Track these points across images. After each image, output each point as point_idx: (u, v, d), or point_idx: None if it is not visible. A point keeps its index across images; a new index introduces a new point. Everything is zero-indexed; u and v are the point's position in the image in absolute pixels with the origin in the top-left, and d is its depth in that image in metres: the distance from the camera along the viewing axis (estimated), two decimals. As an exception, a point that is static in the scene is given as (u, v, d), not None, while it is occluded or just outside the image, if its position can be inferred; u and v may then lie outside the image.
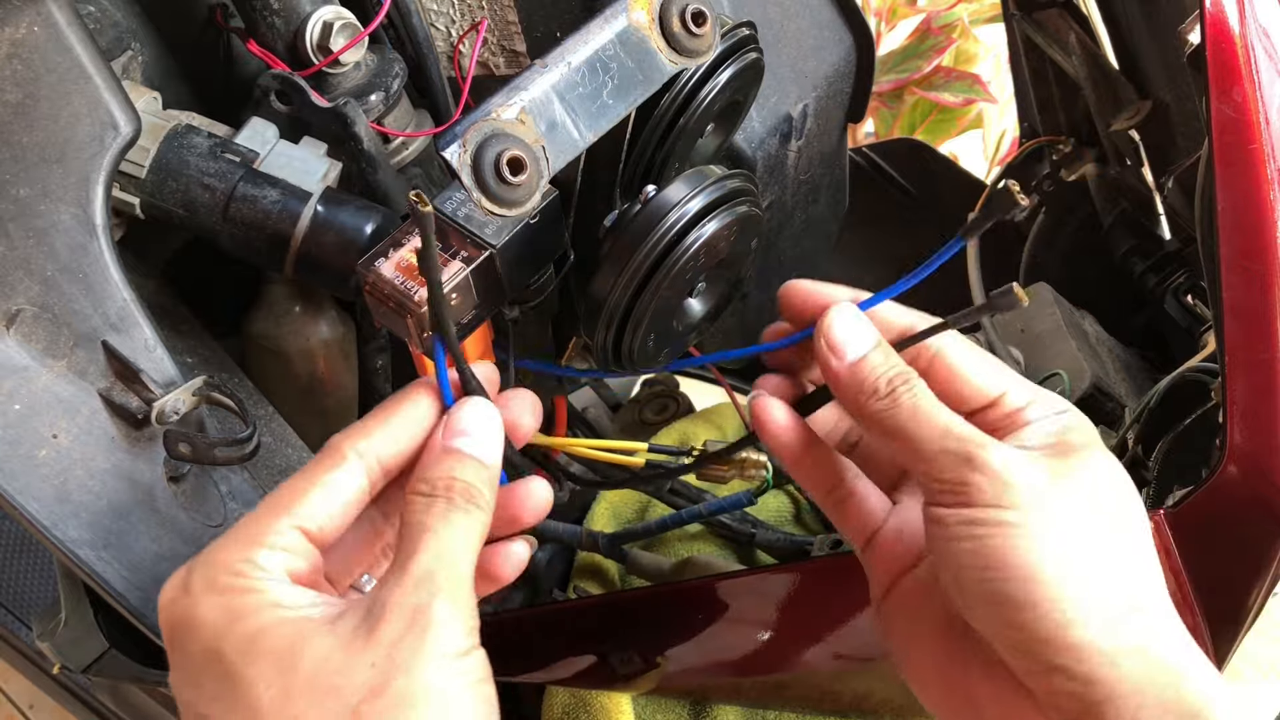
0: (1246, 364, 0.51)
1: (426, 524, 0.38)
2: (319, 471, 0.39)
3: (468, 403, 0.42)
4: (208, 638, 0.35)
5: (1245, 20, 0.54)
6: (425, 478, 0.39)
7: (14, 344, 0.45)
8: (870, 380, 0.43)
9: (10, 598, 1.26)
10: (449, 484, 0.39)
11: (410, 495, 0.39)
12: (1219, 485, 0.53)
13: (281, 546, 0.38)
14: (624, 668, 0.62)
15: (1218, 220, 0.53)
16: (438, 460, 0.40)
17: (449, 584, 0.36)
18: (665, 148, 0.50)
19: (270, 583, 0.37)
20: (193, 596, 0.36)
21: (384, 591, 0.36)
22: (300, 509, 0.38)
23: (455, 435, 0.41)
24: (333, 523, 0.39)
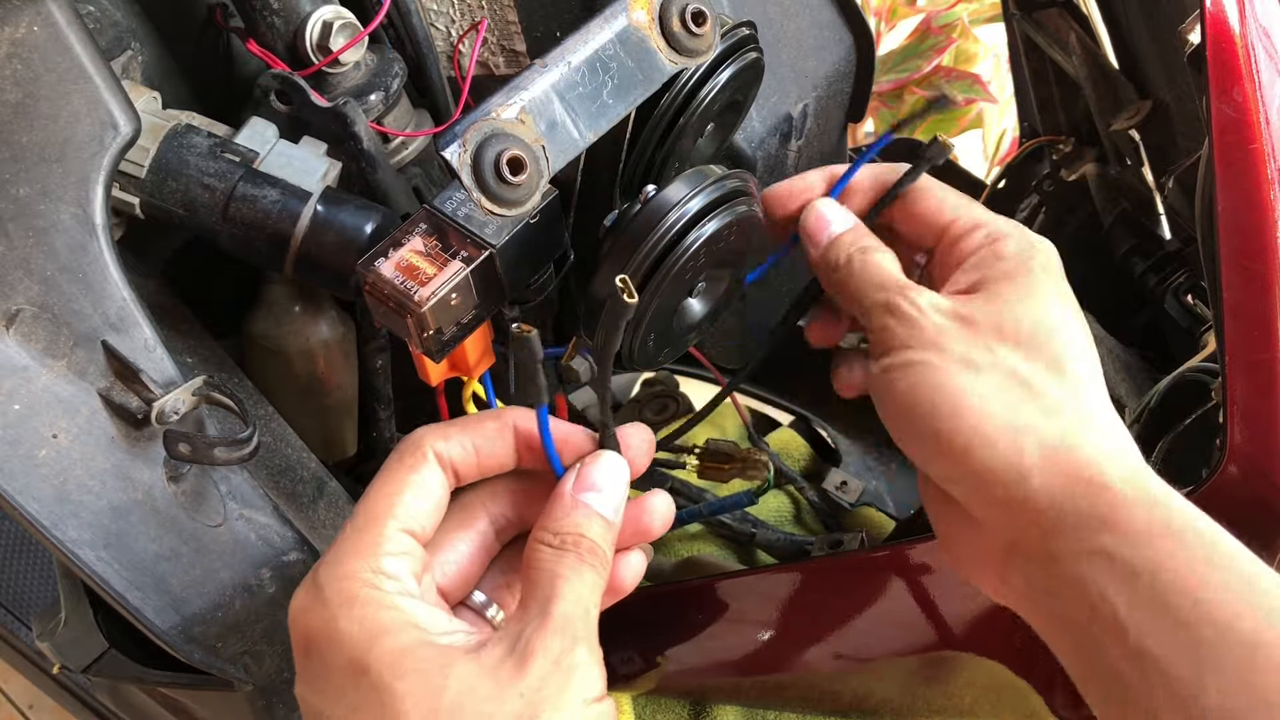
0: (1247, 364, 0.51)
1: (560, 573, 0.39)
2: (405, 472, 0.41)
3: (602, 457, 0.43)
4: (353, 652, 0.36)
5: (1246, 20, 0.54)
6: (555, 529, 0.41)
7: (14, 344, 0.45)
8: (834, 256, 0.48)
9: (10, 598, 1.26)
10: (577, 540, 0.40)
11: (537, 544, 0.40)
12: (1219, 485, 0.53)
13: (400, 552, 0.39)
14: (624, 667, 0.62)
15: (1218, 220, 0.53)
16: (567, 512, 0.41)
17: (586, 632, 0.38)
18: (665, 147, 0.50)
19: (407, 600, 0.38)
20: (330, 609, 0.37)
21: (527, 631, 0.37)
22: (402, 511, 0.40)
23: (585, 489, 0.42)
24: (429, 523, 0.41)
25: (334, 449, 0.66)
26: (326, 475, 0.61)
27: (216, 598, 0.51)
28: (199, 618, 0.50)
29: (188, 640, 0.50)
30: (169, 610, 0.49)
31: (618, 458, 0.44)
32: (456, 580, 0.43)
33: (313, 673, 0.38)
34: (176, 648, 0.49)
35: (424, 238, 0.43)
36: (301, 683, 0.38)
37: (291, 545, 0.54)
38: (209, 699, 0.75)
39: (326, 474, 0.61)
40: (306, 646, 0.38)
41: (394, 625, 0.37)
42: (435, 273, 0.42)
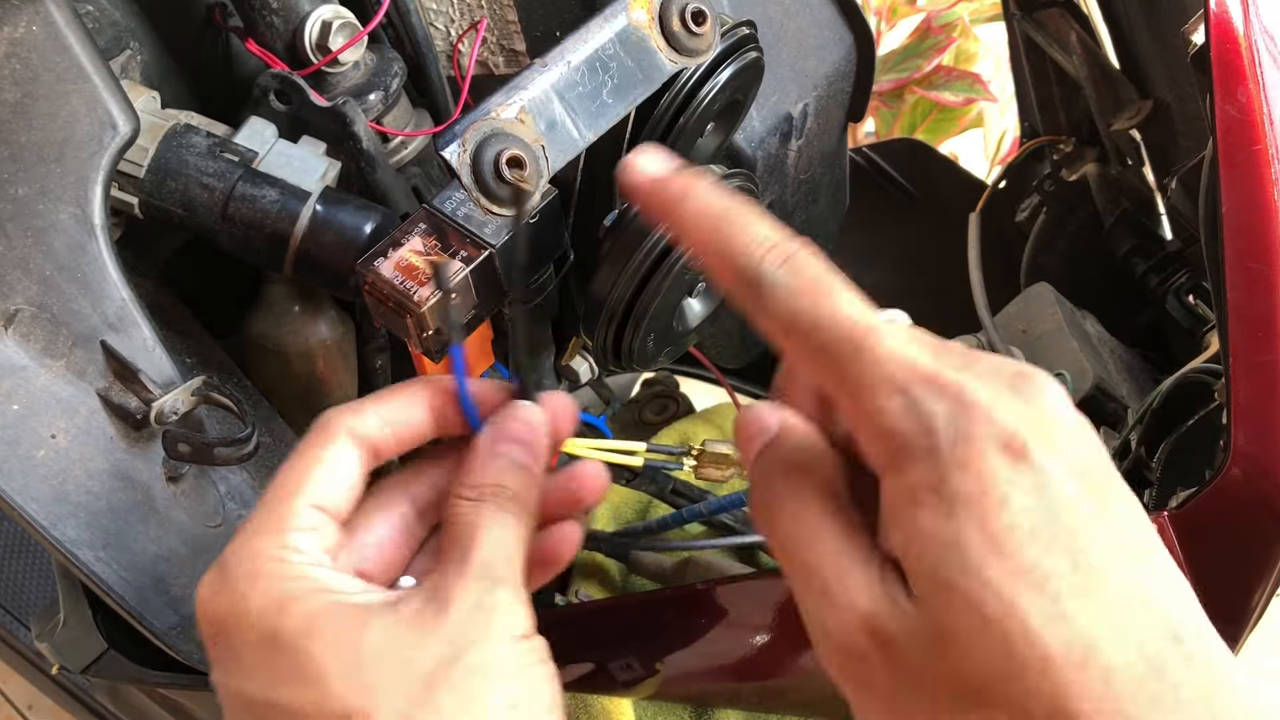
0: (1250, 365, 0.51)
1: (478, 522, 0.38)
2: (316, 449, 0.39)
3: (516, 407, 0.42)
4: (264, 625, 0.35)
5: (1249, 21, 0.54)
6: (471, 483, 0.39)
7: (12, 344, 0.45)
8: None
9: (9, 598, 1.26)
10: (496, 490, 0.39)
11: (455, 499, 0.39)
12: (1222, 487, 0.52)
13: (308, 527, 0.38)
14: (623, 674, 0.62)
15: (1221, 221, 0.52)
16: (485, 465, 0.40)
17: (508, 574, 0.37)
18: (665, 147, 0.49)
19: (314, 568, 0.37)
20: (237, 588, 0.36)
21: (444, 581, 0.36)
22: (310, 487, 0.38)
23: (503, 440, 0.41)
24: (344, 500, 0.39)
25: (333, 449, 0.66)
26: (326, 476, 0.61)
27: (215, 598, 0.50)
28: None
29: (187, 640, 0.50)
30: (168, 610, 0.49)
31: (535, 408, 0.42)
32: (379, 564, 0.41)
33: (226, 655, 0.36)
34: (175, 648, 0.49)
35: (423, 237, 0.43)
36: (215, 669, 0.37)
37: (291, 546, 0.53)
38: (208, 699, 0.75)
39: (326, 474, 0.61)
40: (216, 632, 0.37)
41: (303, 592, 0.36)
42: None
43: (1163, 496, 0.70)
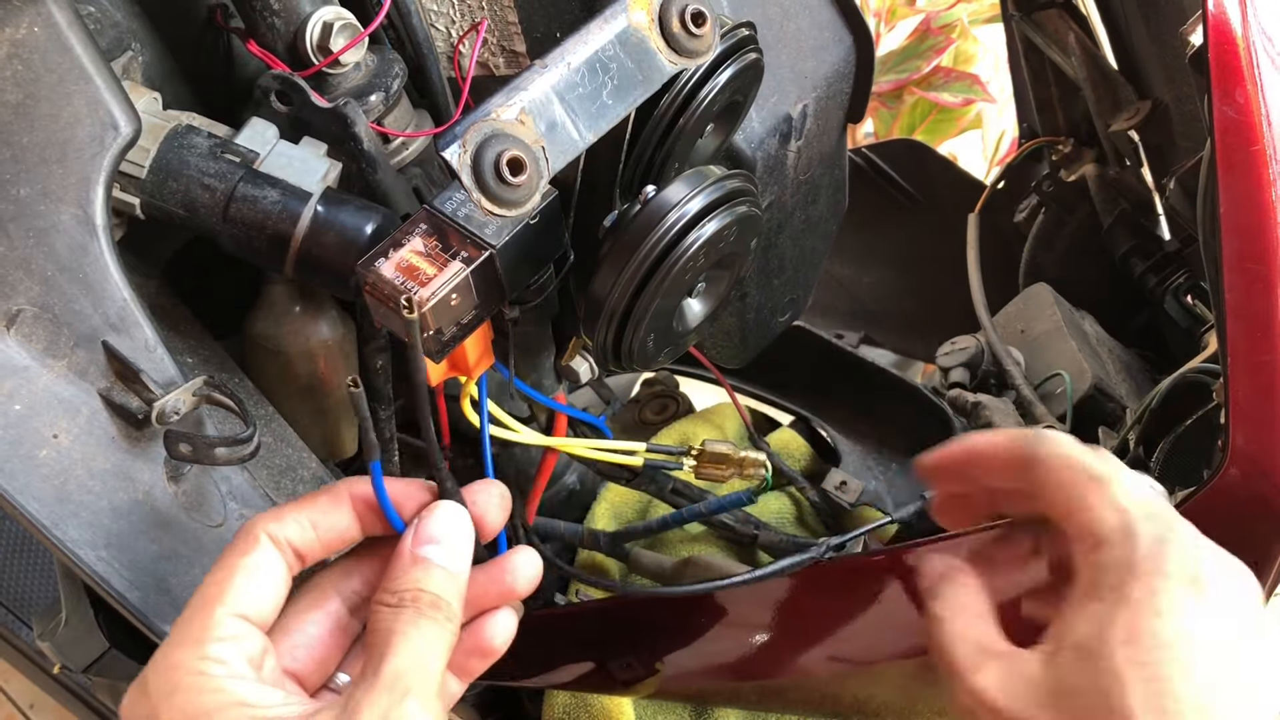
0: (1248, 365, 0.51)
1: (395, 629, 0.38)
2: (235, 557, 0.40)
3: (438, 508, 0.42)
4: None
5: (1247, 22, 0.54)
6: (392, 589, 0.40)
7: (14, 344, 0.45)
8: None
9: (11, 597, 1.26)
10: (416, 595, 0.39)
11: (376, 605, 0.39)
12: (1221, 486, 0.53)
13: (229, 637, 0.38)
14: (623, 674, 0.62)
15: (1220, 221, 0.53)
16: (406, 569, 0.40)
17: (419, 685, 0.37)
18: (665, 148, 0.50)
19: (234, 682, 0.37)
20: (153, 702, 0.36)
21: (358, 693, 0.36)
22: (231, 597, 0.39)
23: (424, 543, 0.41)
24: (266, 606, 0.40)
25: (334, 449, 0.66)
26: (327, 475, 0.61)
27: (217, 598, 0.51)
28: (199, 618, 0.50)
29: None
30: (169, 610, 0.49)
31: (456, 507, 0.43)
32: (310, 663, 0.42)
33: None
34: (177, 648, 0.49)
35: (424, 238, 0.43)
36: None
37: (292, 546, 0.54)
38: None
39: (327, 474, 0.61)
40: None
41: (217, 707, 0.36)
42: (435, 273, 0.42)
43: (1161, 496, 0.70)
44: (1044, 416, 0.84)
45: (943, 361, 0.97)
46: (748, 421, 0.85)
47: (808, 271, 0.81)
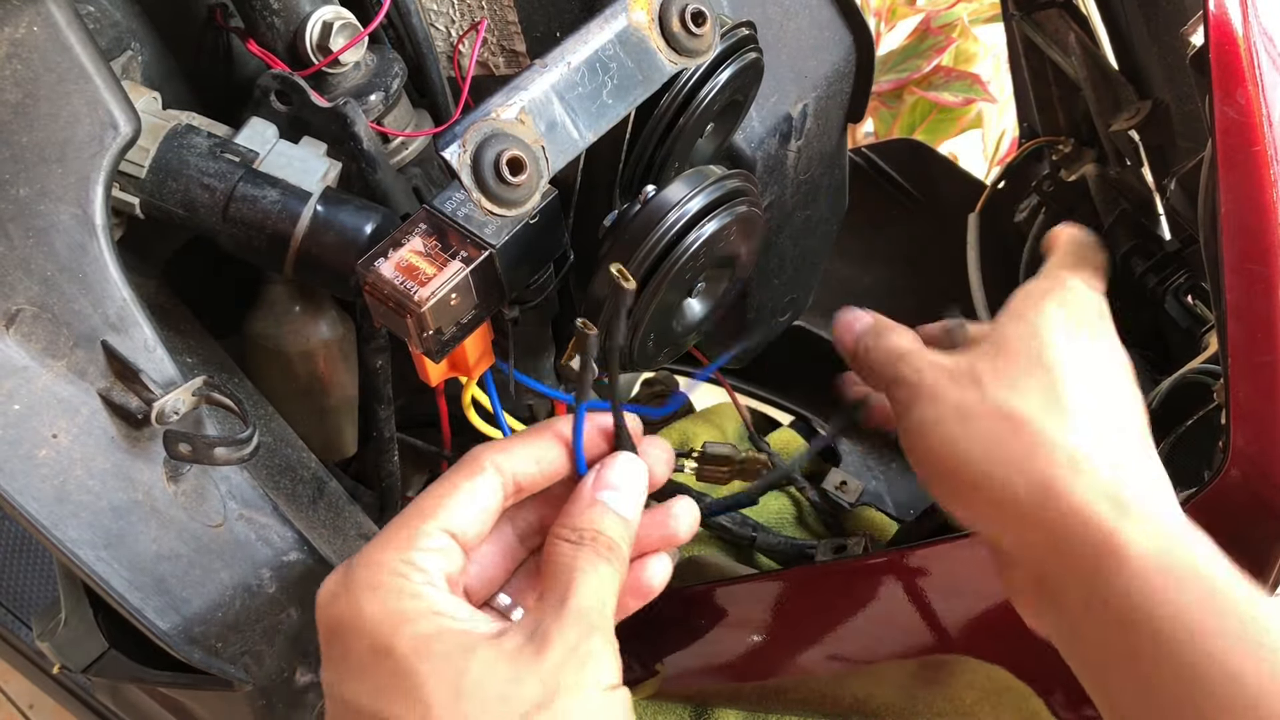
0: (1249, 366, 0.51)
1: (576, 566, 0.40)
2: (460, 478, 0.42)
3: (619, 458, 0.44)
4: (378, 636, 0.37)
5: (1248, 22, 0.54)
6: (573, 525, 0.42)
7: (14, 344, 0.45)
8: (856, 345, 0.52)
9: (10, 597, 1.26)
10: (595, 535, 0.41)
11: (556, 539, 0.42)
12: (1221, 488, 0.53)
13: (435, 549, 0.40)
14: (623, 674, 0.62)
15: (1220, 222, 0.53)
16: (585, 509, 0.42)
17: (603, 623, 0.39)
18: (665, 147, 0.50)
19: (431, 589, 0.39)
20: (356, 597, 0.38)
21: (545, 621, 0.38)
22: (445, 514, 0.41)
23: (603, 488, 0.43)
24: (475, 529, 0.41)
25: (334, 449, 0.66)
26: (327, 475, 0.61)
27: (216, 598, 0.51)
28: (199, 618, 0.50)
29: (188, 640, 0.50)
30: (169, 610, 0.49)
31: (635, 459, 0.44)
32: (479, 580, 0.44)
33: (337, 657, 0.38)
34: (176, 648, 0.49)
35: (424, 238, 0.43)
36: (326, 668, 0.39)
37: (291, 545, 0.53)
38: (209, 699, 0.75)
39: (327, 474, 0.61)
40: (331, 633, 0.39)
41: (417, 612, 0.38)
42: (435, 273, 0.42)
43: (1161, 496, 0.70)
44: (1044, 417, 0.84)
45: (943, 361, 0.96)
46: (748, 421, 0.85)
47: (808, 271, 0.81)
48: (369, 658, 0.37)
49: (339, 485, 0.62)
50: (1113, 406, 0.45)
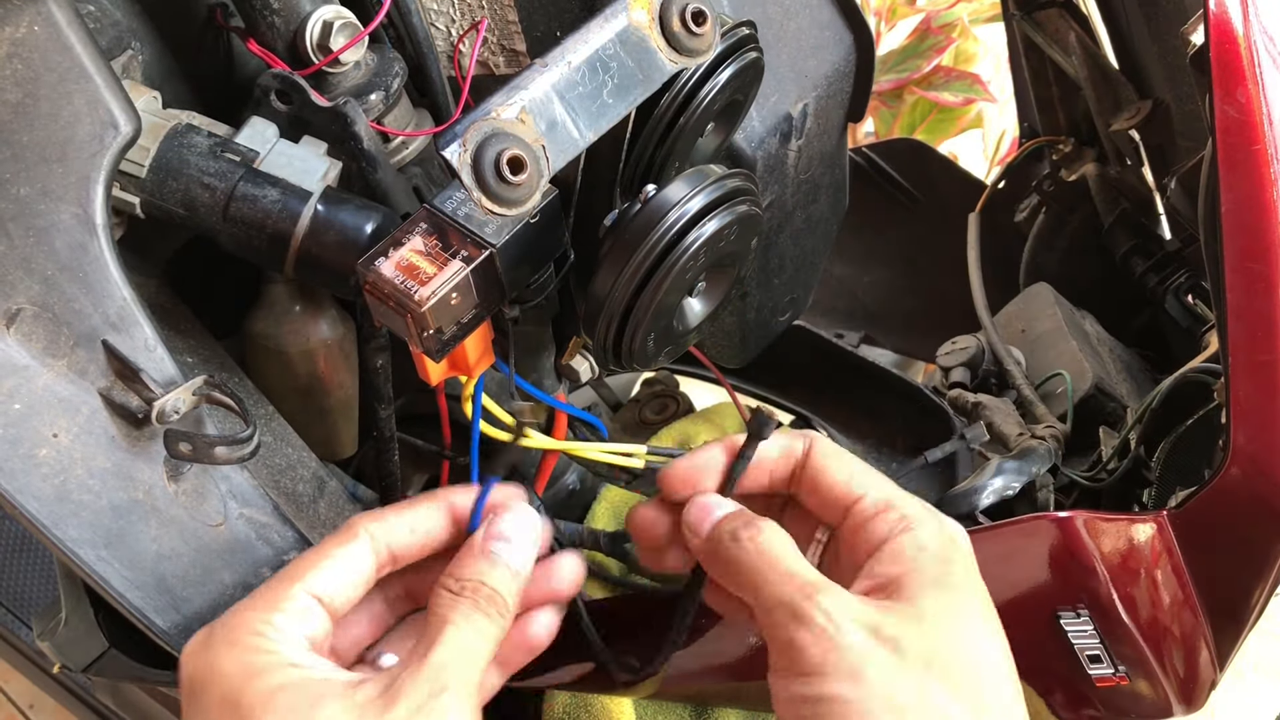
0: (1249, 365, 0.51)
1: (448, 619, 0.40)
2: (332, 545, 0.43)
3: (512, 508, 0.45)
4: (227, 688, 0.38)
5: (1249, 21, 0.54)
6: (457, 575, 0.42)
7: (14, 343, 0.45)
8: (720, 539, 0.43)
9: (10, 597, 1.26)
10: (476, 587, 0.42)
11: (439, 588, 0.42)
12: (1222, 486, 0.53)
13: (297, 611, 0.41)
14: (623, 674, 0.62)
15: (1221, 221, 0.53)
16: (473, 559, 0.43)
17: (459, 682, 0.39)
18: (665, 147, 0.50)
19: (287, 647, 0.40)
20: (214, 651, 0.39)
21: (404, 675, 0.39)
22: (313, 578, 0.41)
23: (494, 539, 0.43)
24: (343, 594, 0.42)
25: (334, 448, 0.66)
26: (327, 475, 0.61)
27: (217, 597, 0.51)
28: (199, 617, 0.50)
29: (188, 639, 0.50)
30: (169, 609, 0.49)
31: (530, 511, 0.45)
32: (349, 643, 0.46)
33: (193, 710, 0.39)
34: (176, 647, 0.49)
35: (424, 237, 0.43)
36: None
37: (292, 544, 0.53)
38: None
39: (327, 473, 0.61)
40: (189, 686, 0.40)
41: (269, 666, 0.39)
42: (435, 272, 0.42)
43: (1162, 496, 0.70)
44: (1044, 416, 0.84)
45: (943, 361, 0.97)
46: (748, 421, 0.85)
47: (808, 271, 0.81)
48: (219, 709, 0.38)
49: (339, 485, 0.62)
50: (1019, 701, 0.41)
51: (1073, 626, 0.58)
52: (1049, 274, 1.06)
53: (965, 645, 0.39)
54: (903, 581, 0.40)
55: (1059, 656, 0.60)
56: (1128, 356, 0.96)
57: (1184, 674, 0.59)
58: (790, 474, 0.46)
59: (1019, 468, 0.74)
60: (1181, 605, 0.58)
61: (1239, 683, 1.49)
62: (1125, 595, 0.56)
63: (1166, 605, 0.57)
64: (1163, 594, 0.57)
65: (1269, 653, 1.48)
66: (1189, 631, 0.58)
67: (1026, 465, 0.75)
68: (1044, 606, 0.59)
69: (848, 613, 0.39)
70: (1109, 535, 0.57)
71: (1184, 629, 0.58)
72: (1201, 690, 0.61)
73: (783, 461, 0.46)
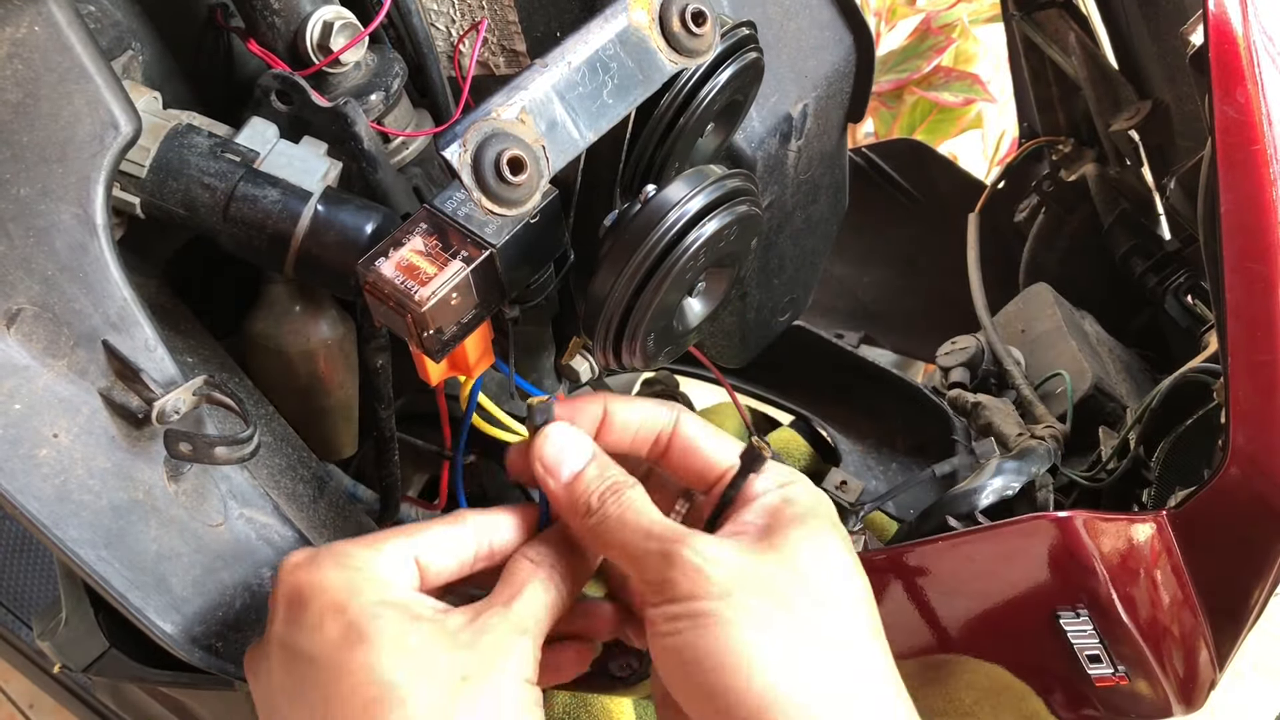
0: (1249, 365, 0.51)
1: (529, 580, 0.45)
2: (440, 524, 0.46)
3: None
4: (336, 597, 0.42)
5: (1248, 22, 0.54)
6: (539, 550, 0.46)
7: (14, 343, 0.45)
8: (583, 499, 0.45)
9: (11, 597, 1.26)
10: (554, 563, 0.46)
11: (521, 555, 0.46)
12: (1221, 486, 0.53)
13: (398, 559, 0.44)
14: (622, 673, 0.62)
15: (1220, 221, 0.53)
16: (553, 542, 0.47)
17: (534, 629, 0.44)
18: (665, 147, 0.50)
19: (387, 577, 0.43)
20: (321, 566, 0.43)
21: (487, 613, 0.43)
22: (420, 540, 0.45)
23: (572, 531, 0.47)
24: (440, 568, 0.45)
25: (334, 448, 0.66)
26: (327, 475, 0.61)
27: (217, 597, 0.51)
28: (200, 617, 0.50)
29: (188, 640, 0.50)
30: (170, 610, 0.49)
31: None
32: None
33: (295, 615, 0.42)
34: (177, 647, 0.49)
35: (424, 237, 0.43)
36: (281, 624, 0.43)
37: (292, 545, 0.54)
38: (209, 698, 0.75)
39: (327, 473, 0.61)
40: (291, 592, 0.43)
41: (372, 585, 0.42)
42: (435, 272, 0.42)
43: (1161, 496, 0.70)
44: (1044, 416, 0.84)
45: (943, 361, 0.97)
46: (748, 421, 0.85)
47: (808, 271, 0.81)
48: (326, 614, 0.41)
49: (339, 485, 0.62)
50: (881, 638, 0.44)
51: (1072, 626, 0.58)
52: (1049, 274, 1.06)
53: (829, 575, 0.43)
54: (770, 526, 0.44)
55: (1058, 656, 0.60)
56: (1127, 357, 0.96)
57: (1184, 674, 0.59)
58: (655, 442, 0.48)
59: (1019, 468, 0.74)
60: (1181, 605, 0.58)
61: (1239, 683, 1.49)
62: (1125, 595, 0.56)
63: (1166, 605, 0.58)
64: (1162, 594, 0.57)
65: (1269, 653, 1.48)
66: (1189, 631, 0.58)
67: (1026, 465, 0.75)
68: (1043, 606, 0.59)
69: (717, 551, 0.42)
70: (1109, 535, 0.57)
71: (1183, 629, 0.58)
72: (1201, 690, 0.61)
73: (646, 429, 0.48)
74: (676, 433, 0.48)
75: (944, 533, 0.64)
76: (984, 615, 0.61)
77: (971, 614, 0.62)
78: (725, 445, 0.48)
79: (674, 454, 0.48)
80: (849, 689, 0.40)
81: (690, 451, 0.48)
